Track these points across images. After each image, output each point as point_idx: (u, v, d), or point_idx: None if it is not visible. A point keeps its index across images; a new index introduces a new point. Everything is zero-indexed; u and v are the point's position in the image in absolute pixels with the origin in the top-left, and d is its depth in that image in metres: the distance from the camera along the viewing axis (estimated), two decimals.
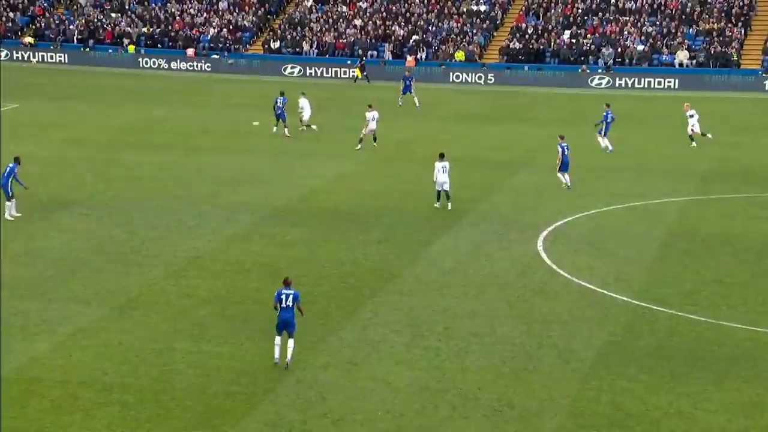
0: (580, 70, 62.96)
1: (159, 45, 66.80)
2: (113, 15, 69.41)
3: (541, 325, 23.32)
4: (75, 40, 67.04)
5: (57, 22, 68.41)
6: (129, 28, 67.68)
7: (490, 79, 62.92)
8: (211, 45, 66.56)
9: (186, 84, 59.68)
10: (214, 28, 68.08)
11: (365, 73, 62.31)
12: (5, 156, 34.31)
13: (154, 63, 64.28)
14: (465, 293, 25.43)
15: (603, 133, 42.33)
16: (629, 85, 61.80)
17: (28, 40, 66.30)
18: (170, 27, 68.13)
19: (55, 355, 21.10)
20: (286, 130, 44.16)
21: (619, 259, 28.30)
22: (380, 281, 26.24)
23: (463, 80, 63.04)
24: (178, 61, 64.63)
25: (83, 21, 68.15)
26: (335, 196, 34.68)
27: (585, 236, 30.47)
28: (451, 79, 63.07)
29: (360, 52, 65.08)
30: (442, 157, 32.65)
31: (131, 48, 66.14)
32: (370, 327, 23.10)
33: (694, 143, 43.47)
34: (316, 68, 63.75)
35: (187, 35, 67.29)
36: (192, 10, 70.05)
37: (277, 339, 20.72)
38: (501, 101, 56.94)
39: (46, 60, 64.79)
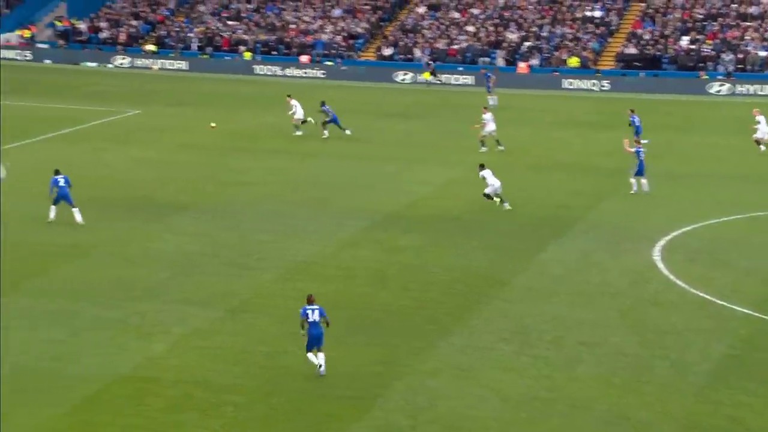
0: (698, 77, 61.47)
1: (274, 52, 67.79)
2: (230, 23, 70.72)
3: (655, 335, 22.79)
4: (194, 48, 68.52)
5: (177, 29, 70.04)
6: (245, 36, 68.87)
7: (605, 86, 61.97)
8: (325, 51, 67.24)
9: (299, 90, 60.32)
10: (327, 35, 68.76)
11: (436, 76, 62.34)
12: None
13: (268, 69, 65.25)
14: (575, 302, 25.03)
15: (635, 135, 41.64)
16: (750, 93, 60.03)
17: (150, 47, 68.03)
18: (285, 34, 69.08)
19: (171, 355, 21.54)
20: (322, 131, 44.43)
21: (738, 270, 27.48)
22: (489, 288, 26.04)
23: (577, 87, 62.24)
24: (292, 67, 65.45)
25: (202, 29, 69.63)
26: (444, 202, 34.58)
27: (703, 246, 29.68)
28: (564, 86, 62.35)
29: (426, 57, 65.01)
30: (482, 166, 33.60)
31: (247, 55, 67.26)
32: (479, 334, 22.93)
33: (762, 147, 42.24)
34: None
35: (302, 42, 68.12)
36: (306, 18, 70.89)
37: (311, 356, 20.67)
38: (614, 108, 56.00)
39: (166, 67, 66.37)
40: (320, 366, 20.56)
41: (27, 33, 69.04)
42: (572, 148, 43.92)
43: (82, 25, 70.62)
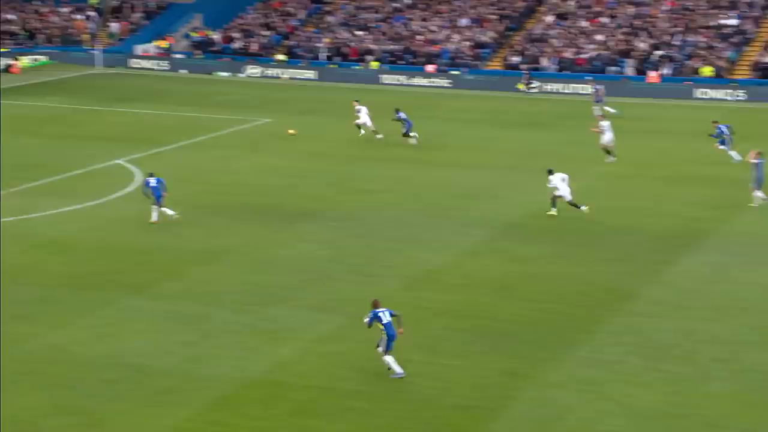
0: None
1: (400, 61, 68.19)
2: (358, 33, 71.49)
3: None
4: (323, 57, 69.51)
5: (307, 40, 71.18)
6: (373, 45, 69.50)
7: (740, 96, 60.22)
8: (451, 61, 67.31)
9: (424, 99, 60.56)
10: (454, 44, 68.83)
11: (531, 86, 61.43)
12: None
13: (395, 79, 65.66)
14: (707, 316, 24.40)
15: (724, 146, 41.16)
16: None
17: (280, 57, 69.31)
18: (412, 43, 69.43)
19: (298, 360, 21.88)
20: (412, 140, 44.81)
21: None
22: (616, 301, 25.60)
23: (710, 97, 60.66)
24: (419, 76, 65.71)
25: (331, 39, 70.57)
26: (569, 213, 34.15)
27: None
28: (696, 96, 60.85)
29: (524, 66, 64.40)
30: (551, 172, 33.28)
31: (374, 64, 67.83)
32: (606, 347, 22.57)
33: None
34: (554, 84, 63.16)
35: (428, 51, 68.35)
36: (433, 27, 71.12)
37: (387, 357, 20.84)
38: (750, 118, 54.36)
39: (295, 76, 67.51)
40: (390, 368, 20.68)
41: (164, 44, 71.22)
42: (706, 158, 42.83)
43: (216, 36, 72.43)
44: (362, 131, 46.54)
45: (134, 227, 31.72)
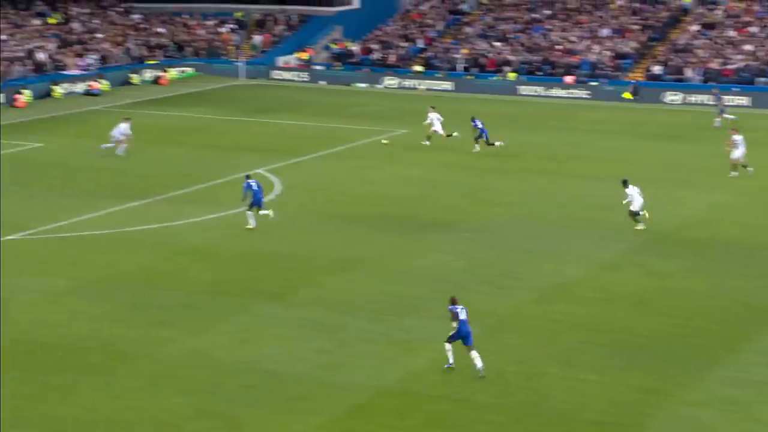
0: None
1: (538, 72, 67.59)
2: (496, 44, 71.21)
3: None
4: (460, 68, 69.50)
5: (444, 51, 71.31)
6: (511, 56, 69.11)
7: None
8: (591, 71, 66.34)
9: (562, 110, 59.87)
10: (594, 55, 67.83)
11: (638, 95, 60.58)
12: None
13: (532, 90, 65.11)
14: None
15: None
16: None
17: (418, 68, 69.65)
18: (550, 54, 68.75)
19: (432, 371, 21.86)
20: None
21: None
22: (760, 319, 24.68)
23: None
24: (557, 88, 64.99)
25: (468, 50, 70.51)
26: (710, 227, 33.18)
27: None
28: None
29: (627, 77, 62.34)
30: (625, 183, 32.83)
31: (512, 75, 67.44)
32: (752, 366, 21.80)
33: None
34: (698, 95, 61.48)
35: (567, 62, 67.54)
36: (573, 38, 70.26)
37: (448, 346, 21.69)
38: None
39: (432, 87, 67.70)
40: (478, 366, 21.36)
41: (305, 55, 72.45)
42: None
43: (355, 47, 73.28)
44: (428, 142, 46.39)
45: (273, 235, 32.32)
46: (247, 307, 25.75)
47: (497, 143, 45.63)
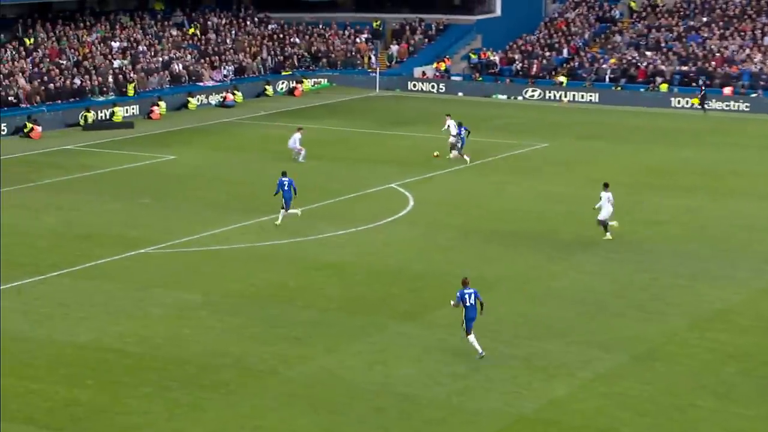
0: None
1: (693, 83, 66.00)
2: (648, 53, 69.89)
3: None
4: (607, 79, 68.48)
5: (590, 61, 70.40)
6: (663, 66, 67.70)
7: None
8: (751, 83, 64.39)
9: (719, 124, 58.31)
10: (756, 64, 65.81)
11: (704, 103, 60.15)
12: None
13: (687, 102, 63.59)
14: None
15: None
16: None
17: (561, 79, 68.98)
18: (707, 64, 67.01)
19: (573, 399, 21.50)
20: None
21: None
22: None
23: None
24: (713, 99, 63.29)
25: (617, 59, 69.44)
26: None
27: None
28: None
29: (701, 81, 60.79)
30: (606, 186, 33.37)
31: (664, 86, 66.07)
32: None
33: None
34: None
35: (725, 73, 65.72)
36: (732, 46, 68.36)
37: (471, 338, 23.24)
38: None
39: (576, 99, 66.91)
40: (479, 350, 23.13)
41: (442, 66, 72.61)
42: None
43: (496, 57, 73.07)
44: (451, 154, 46.28)
45: (407, 252, 32.43)
46: (380, 326, 25.86)
47: (466, 157, 45.81)
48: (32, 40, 62.32)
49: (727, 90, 64.45)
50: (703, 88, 63.18)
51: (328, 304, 27.63)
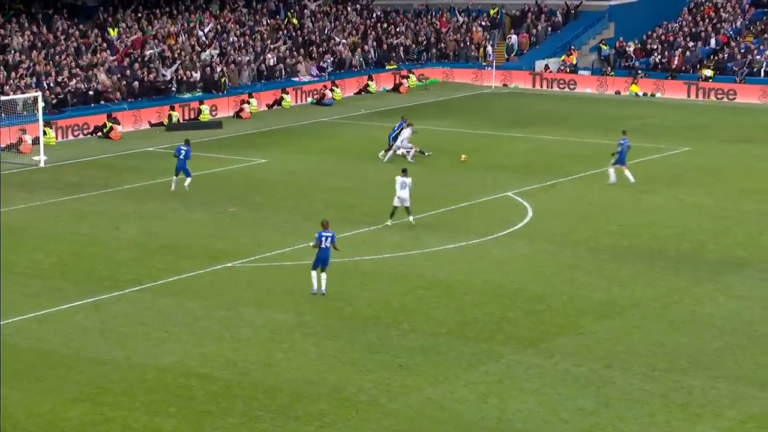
0: None
1: None
2: None
3: None
4: (762, 74, 67.15)
5: (743, 52, 69.12)
6: None
7: None
8: None
9: None
10: None
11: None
12: None
13: None
14: None
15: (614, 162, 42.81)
16: None
17: (707, 73, 67.89)
18: None
19: None
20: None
21: None
22: None
23: None
24: None
25: None
26: None
27: None
28: None
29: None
30: (404, 172, 36.34)
31: None
32: None
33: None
34: None
35: None
36: None
37: (314, 273, 29.33)
38: None
39: (725, 96, 65.80)
40: (322, 287, 29.20)
41: (572, 59, 72.02)
42: None
43: (631, 48, 72.29)
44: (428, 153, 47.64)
45: (525, 270, 32.28)
46: (495, 354, 25.78)
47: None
48: (116, 30, 63.87)
49: None
50: (639, 72, 66.30)
51: (436, 327, 27.64)
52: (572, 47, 73.18)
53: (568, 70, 71.24)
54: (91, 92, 57.12)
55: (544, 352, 25.89)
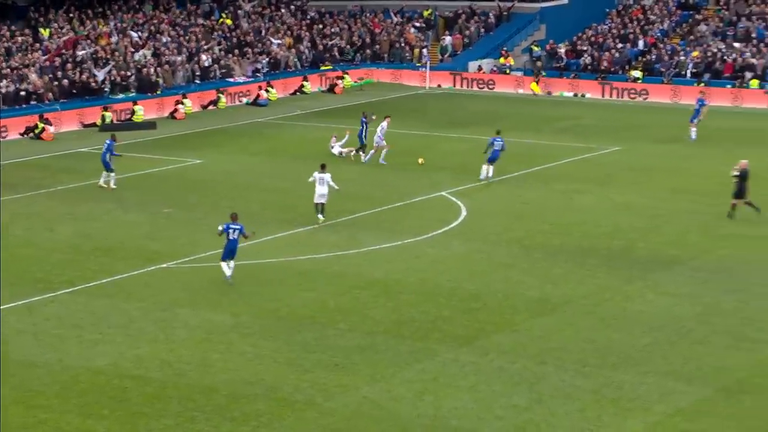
0: None
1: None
2: (736, 45, 69.31)
3: None
4: (688, 75, 68.02)
5: (670, 53, 69.98)
6: (754, 60, 67.11)
7: None
8: None
9: None
10: None
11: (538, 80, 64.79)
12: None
13: None
14: None
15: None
16: None
17: (635, 74, 68.61)
18: None
19: None
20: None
21: None
22: None
23: None
24: None
25: (700, 52, 68.94)
26: None
27: None
28: None
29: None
30: (323, 168, 36.99)
31: (754, 83, 65.53)
32: None
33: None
34: None
35: None
36: None
37: (224, 264, 30.44)
38: None
39: (653, 97, 66.52)
40: (229, 275, 30.39)
41: (504, 60, 72.37)
42: None
43: (561, 50, 72.86)
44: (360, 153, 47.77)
45: (460, 269, 32.42)
46: (431, 352, 25.87)
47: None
48: (47, 30, 63.11)
49: None
50: (542, 72, 67.90)
51: (373, 326, 27.68)
52: (505, 48, 73.59)
53: (508, 72, 71.49)
54: (22, 93, 56.39)
55: (479, 349, 26.03)
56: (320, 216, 37.16)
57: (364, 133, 48.41)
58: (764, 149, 49.94)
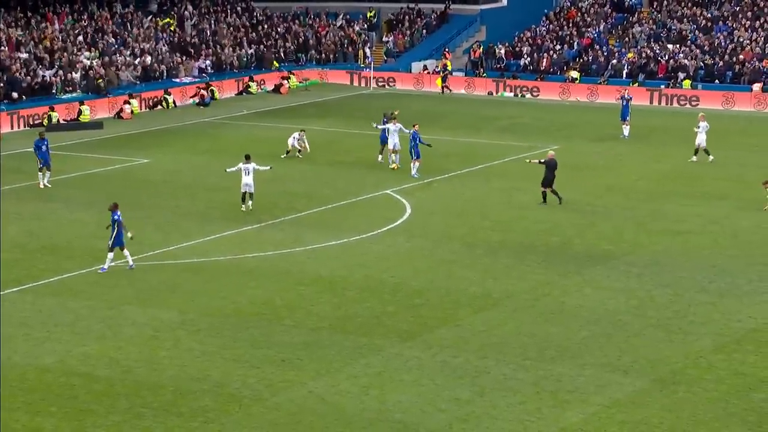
0: None
1: (717, 80, 66.20)
2: (670, 46, 70.09)
3: None
4: (624, 75, 68.65)
5: (606, 54, 70.57)
6: (686, 61, 67.90)
7: None
8: None
9: (747, 124, 58.49)
10: None
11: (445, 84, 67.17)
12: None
13: (711, 100, 63.74)
14: None
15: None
16: None
17: (573, 74, 69.15)
18: (735, 59, 67.19)
19: (588, 428, 21.58)
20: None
21: None
22: None
23: None
24: (740, 98, 63.43)
25: (635, 53, 69.63)
26: None
27: None
28: None
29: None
30: (247, 158, 38.10)
31: (687, 83, 66.29)
32: None
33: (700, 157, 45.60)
34: None
35: (755, 67, 65.91)
36: (764, 39, 68.51)
37: (111, 255, 31.26)
38: None
39: (589, 98, 67.08)
40: (129, 262, 31.42)
41: (447, 61, 72.55)
42: None
43: (501, 51, 73.24)
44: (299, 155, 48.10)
45: (404, 266, 32.50)
46: (376, 347, 25.93)
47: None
48: None
49: (756, 87, 64.66)
50: (447, 70, 69.40)
51: (318, 322, 27.68)
52: (446, 49, 73.82)
53: (451, 73, 71.74)
54: None
55: (423, 344, 26.13)
56: (248, 204, 37.90)
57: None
58: (688, 149, 50.56)
